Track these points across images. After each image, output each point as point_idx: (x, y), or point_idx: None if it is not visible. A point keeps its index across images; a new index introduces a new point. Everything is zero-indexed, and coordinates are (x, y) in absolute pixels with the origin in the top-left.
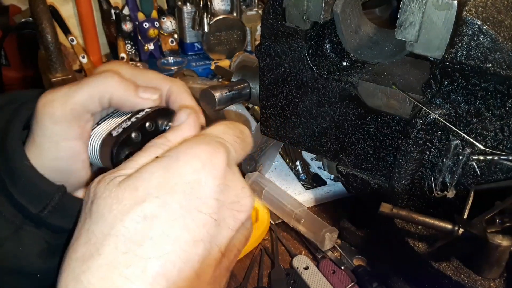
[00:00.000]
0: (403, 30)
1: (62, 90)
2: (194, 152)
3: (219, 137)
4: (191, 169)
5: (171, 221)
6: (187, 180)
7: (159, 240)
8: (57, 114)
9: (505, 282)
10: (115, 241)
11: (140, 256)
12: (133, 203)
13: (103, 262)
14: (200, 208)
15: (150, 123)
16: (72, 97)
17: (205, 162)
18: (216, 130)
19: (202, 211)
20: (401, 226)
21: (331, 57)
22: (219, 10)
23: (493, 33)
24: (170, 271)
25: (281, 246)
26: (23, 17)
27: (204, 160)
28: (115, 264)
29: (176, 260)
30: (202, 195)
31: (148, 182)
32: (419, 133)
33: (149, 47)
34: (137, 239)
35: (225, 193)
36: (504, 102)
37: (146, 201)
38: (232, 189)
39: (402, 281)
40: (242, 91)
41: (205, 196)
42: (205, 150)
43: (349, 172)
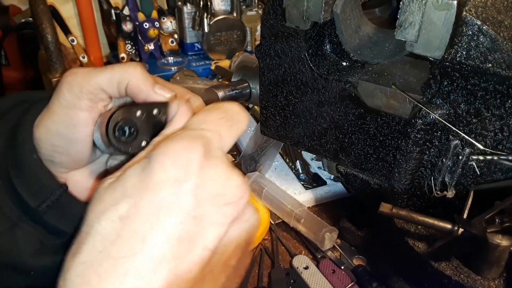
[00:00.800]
0: (403, 30)
1: (88, 68)
2: (165, 150)
3: (198, 128)
4: (161, 168)
5: (143, 221)
6: (159, 179)
7: (130, 240)
8: (75, 84)
9: (504, 282)
10: (93, 240)
11: (112, 255)
12: (110, 203)
13: (82, 259)
14: (174, 205)
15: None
16: (94, 75)
17: (175, 160)
18: (196, 121)
19: (176, 209)
20: (401, 226)
21: (331, 57)
22: (219, 10)
23: (493, 33)
24: (143, 270)
25: (281, 246)
26: (23, 17)
27: (174, 157)
28: (91, 263)
29: (148, 260)
30: (175, 192)
31: (125, 183)
32: (419, 133)
33: (149, 47)
34: (111, 238)
35: (203, 188)
36: (503, 102)
37: (121, 201)
38: (213, 182)
39: (402, 281)
40: (242, 91)
41: (178, 193)
42: (176, 147)
43: (349, 172)
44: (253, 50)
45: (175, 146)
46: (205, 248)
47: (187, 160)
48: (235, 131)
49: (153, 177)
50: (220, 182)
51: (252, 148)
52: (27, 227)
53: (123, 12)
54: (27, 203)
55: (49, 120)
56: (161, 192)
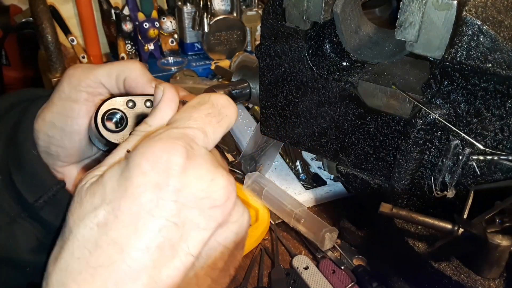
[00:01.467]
0: (403, 30)
1: (89, 64)
2: (144, 152)
3: (182, 126)
4: (139, 171)
5: (121, 228)
6: (137, 184)
7: (108, 249)
8: (74, 77)
9: (504, 282)
10: (72, 246)
11: (90, 264)
12: (89, 209)
13: (61, 266)
14: (153, 212)
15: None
16: (94, 69)
17: (155, 163)
18: (180, 117)
19: (155, 215)
20: (401, 226)
21: (331, 57)
22: (219, 10)
23: (493, 33)
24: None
25: (281, 246)
26: (24, 17)
27: (154, 160)
28: (70, 270)
29: (126, 269)
30: (154, 198)
31: (104, 187)
32: (419, 133)
33: (149, 47)
34: (89, 246)
35: (186, 192)
36: (504, 102)
37: (100, 207)
38: (196, 185)
39: (402, 281)
40: (242, 91)
41: (158, 199)
42: (156, 149)
43: (349, 172)
44: (253, 50)
45: (155, 147)
46: (188, 254)
47: (167, 163)
48: (223, 126)
49: (132, 181)
50: (204, 185)
51: (252, 148)
52: (25, 223)
53: (123, 12)
54: (26, 199)
55: (46, 111)
56: (140, 198)
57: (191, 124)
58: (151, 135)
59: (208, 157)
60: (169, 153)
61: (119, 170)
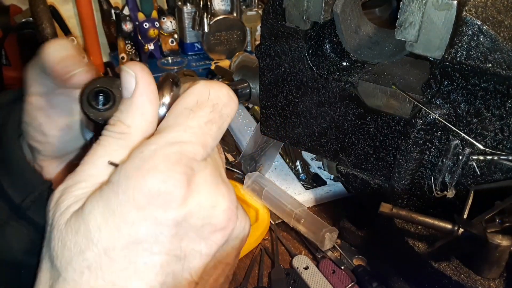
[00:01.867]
0: (403, 30)
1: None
2: (137, 184)
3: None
4: (133, 206)
5: (118, 271)
6: (132, 220)
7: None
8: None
9: (504, 282)
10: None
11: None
12: (74, 251)
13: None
14: (153, 249)
15: None
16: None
17: (152, 197)
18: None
19: (155, 252)
20: (401, 226)
21: (331, 57)
22: (219, 10)
23: (493, 33)
24: None
25: (281, 246)
26: (24, 17)
27: (150, 194)
28: None
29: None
30: (153, 234)
31: (87, 224)
32: (419, 133)
33: (149, 47)
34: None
35: (187, 223)
36: (503, 102)
37: (87, 249)
38: (197, 213)
39: (402, 281)
40: (242, 91)
41: (157, 235)
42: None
43: (349, 172)
44: (253, 50)
45: (151, 178)
46: (191, 282)
47: (166, 196)
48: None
49: (125, 218)
50: (205, 212)
51: (252, 148)
52: (18, 225)
53: (123, 12)
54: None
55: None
56: (136, 235)
57: (190, 138)
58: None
59: (208, 176)
60: (168, 185)
61: (102, 204)
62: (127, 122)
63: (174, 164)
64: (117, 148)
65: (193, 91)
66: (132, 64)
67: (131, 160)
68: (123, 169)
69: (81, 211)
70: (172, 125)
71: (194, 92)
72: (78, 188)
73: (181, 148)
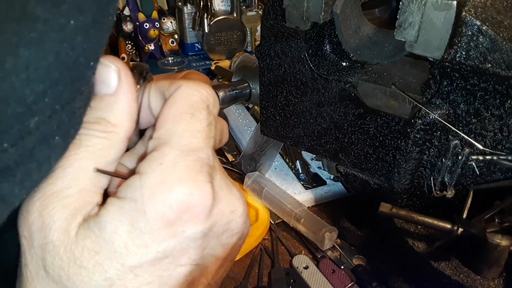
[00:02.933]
0: (402, 30)
1: None
2: (164, 198)
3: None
4: (163, 223)
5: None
6: (160, 238)
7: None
8: None
9: (504, 281)
10: None
11: None
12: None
13: None
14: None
15: None
16: None
17: (181, 212)
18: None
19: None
20: (401, 226)
21: (331, 58)
22: (219, 11)
23: (492, 33)
24: None
25: (281, 246)
26: None
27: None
28: None
29: None
30: (180, 248)
31: (112, 244)
32: (419, 133)
33: (150, 47)
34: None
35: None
36: (503, 102)
37: (112, 268)
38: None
39: (402, 281)
40: (242, 91)
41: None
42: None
43: (349, 172)
44: (253, 50)
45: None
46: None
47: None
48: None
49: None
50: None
51: (252, 148)
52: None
53: (123, 12)
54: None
55: None
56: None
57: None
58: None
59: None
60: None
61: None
62: (112, 120)
63: (197, 173)
64: (101, 148)
65: (182, 94)
66: (111, 58)
67: (151, 173)
68: (145, 184)
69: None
70: (178, 131)
71: (183, 96)
72: (64, 196)
73: (198, 156)
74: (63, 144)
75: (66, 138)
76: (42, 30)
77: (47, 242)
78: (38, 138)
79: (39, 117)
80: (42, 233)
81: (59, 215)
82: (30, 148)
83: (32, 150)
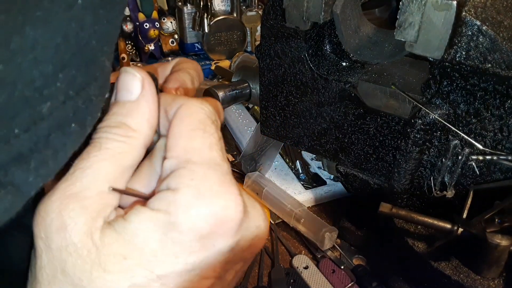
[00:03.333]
0: (402, 30)
1: None
2: (199, 212)
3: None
4: (194, 235)
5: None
6: (190, 250)
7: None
8: None
9: (504, 281)
10: None
11: None
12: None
13: None
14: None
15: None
16: None
17: (217, 226)
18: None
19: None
20: (401, 226)
21: (331, 58)
22: (219, 11)
23: (492, 33)
24: None
25: (281, 246)
26: None
27: (215, 224)
28: None
29: None
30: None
31: (142, 251)
32: (419, 133)
33: (150, 47)
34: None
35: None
36: (503, 102)
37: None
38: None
39: (402, 281)
40: (242, 91)
41: (211, 263)
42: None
43: (349, 172)
44: (253, 50)
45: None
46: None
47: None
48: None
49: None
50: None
51: (252, 148)
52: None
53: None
54: None
55: None
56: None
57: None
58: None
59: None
60: (230, 212)
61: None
62: (133, 125)
63: (230, 186)
64: (121, 152)
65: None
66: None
67: (184, 188)
68: (179, 198)
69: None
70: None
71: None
72: (84, 198)
73: (224, 169)
74: (80, 132)
75: (83, 126)
76: (48, 8)
77: (68, 244)
78: (52, 124)
79: (52, 102)
80: (61, 234)
81: (79, 216)
82: (45, 135)
83: (47, 137)
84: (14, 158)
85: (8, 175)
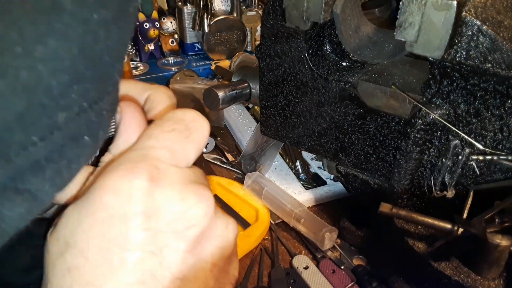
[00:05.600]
0: (402, 30)
1: None
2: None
3: (143, 147)
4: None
5: (94, 269)
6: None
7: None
8: None
9: (504, 281)
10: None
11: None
12: (56, 255)
13: None
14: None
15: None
16: None
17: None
18: (143, 138)
19: (129, 249)
20: (401, 226)
21: (331, 58)
22: (219, 11)
23: (492, 33)
24: None
25: (281, 246)
26: None
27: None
28: None
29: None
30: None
31: (65, 229)
32: (419, 133)
33: (150, 47)
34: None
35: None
36: (503, 102)
37: (66, 251)
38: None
39: (402, 281)
40: (242, 91)
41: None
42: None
43: (349, 172)
44: (253, 50)
45: (114, 176)
46: (174, 279)
47: (129, 190)
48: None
49: (96, 217)
50: (175, 205)
51: (252, 148)
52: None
53: None
54: None
55: None
56: (108, 233)
57: (153, 144)
58: (109, 165)
59: (178, 175)
60: (131, 179)
61: (77, 208)
62: (111, 150)
63: (135, 161)
64: None
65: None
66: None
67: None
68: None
69: (59, 221)
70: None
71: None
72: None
73: (145, 151)
74: (92, 145)
75: (96, 140)
76: (67, 22)
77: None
78: (67, 134)
79: (68, 113)
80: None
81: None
82: (60, 145)
83: (62, 147)
84: (31, 165)
85: (25, 183)
